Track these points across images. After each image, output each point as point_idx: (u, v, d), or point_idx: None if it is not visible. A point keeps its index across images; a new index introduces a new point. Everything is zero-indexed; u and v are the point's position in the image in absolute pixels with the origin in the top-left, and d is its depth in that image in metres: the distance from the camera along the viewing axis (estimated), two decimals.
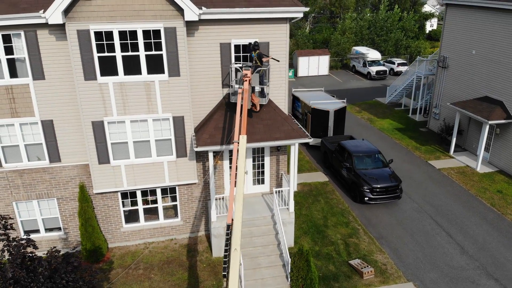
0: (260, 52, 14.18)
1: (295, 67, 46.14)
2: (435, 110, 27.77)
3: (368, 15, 55.29)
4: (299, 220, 18.11)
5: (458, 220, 18.14)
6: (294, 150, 15.18)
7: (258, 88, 14.69)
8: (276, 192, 16.50)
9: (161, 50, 13.85)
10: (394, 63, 45.98)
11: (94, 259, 15.48)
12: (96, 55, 13.45)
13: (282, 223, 15.77)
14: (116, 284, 14.59)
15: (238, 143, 11.08)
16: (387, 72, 44.41)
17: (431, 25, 74.63)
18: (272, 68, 15.39)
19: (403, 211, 18.92)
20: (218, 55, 14.81)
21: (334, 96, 27.67)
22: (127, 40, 13.51)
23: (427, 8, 72.32)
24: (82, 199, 14.88)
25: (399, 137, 27.60)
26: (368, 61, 45.16)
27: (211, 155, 14.67)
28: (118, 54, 13.61)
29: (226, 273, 8.73)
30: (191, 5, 13.07)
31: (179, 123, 14.85)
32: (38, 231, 15.93)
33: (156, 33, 13.61)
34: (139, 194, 15.98)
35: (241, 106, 12.35)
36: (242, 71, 13.41)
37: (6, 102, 13.90)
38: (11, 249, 9.32)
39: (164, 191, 16.18)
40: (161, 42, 13.74)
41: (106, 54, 13.53)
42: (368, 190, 18.97)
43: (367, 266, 15.05)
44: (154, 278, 14.85)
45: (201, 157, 15.88)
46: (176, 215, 16.71)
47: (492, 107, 21.71)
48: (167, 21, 13.47)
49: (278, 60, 14.98)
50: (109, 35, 13.33)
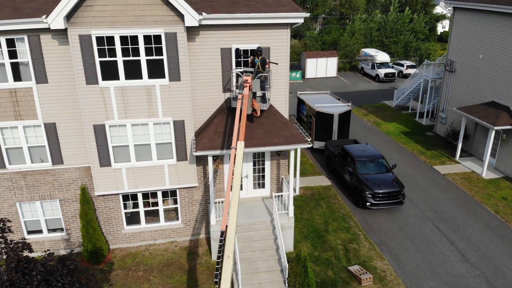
0: (263, 57, 14.22)
1: (302, 68, 46.04)
2: (441, 115, 27.51)
3: (378, 16, 54.92)
4: (299, 224, 18.11)
5: (461, 227, 17.97)
6: (293, 155, 15.17)
7: (259, 93, 14.73)
8: (275, 197, 16.52)
9: (161, 55, 13.96)
10: (403, 66, 45.62)
11: (95, 260, 15.68)
12: (97, 59, 13.63)
13: (282, 227, 15.80)
14: (115, 285, 14.76)
15: (236, 149, 11.14)
16: (396, 75, 44.07)
17: (443, 26, 73.85)
18: (273, 72, 15.41)
19: (405, 217, 18.79)
20: (219, 60, 14.88)
21: (339, 99, 27.60)
22: (128, 45, 13.65)
23: (438, 10, 71.58)
24: (83, 201, 15.08)
25: (405, 141, 27.40)
26: (376, 63, 44.87)
27: (210, 159, 14.76)
28: (120, 59, 13.77)
29: (218, 279, 8.79)
30: (191, 11, 13.16)
31: (179, 127, 14.96)
32: (41, 231, 16.19)
33: (157, 38, 13.73)
34: (140, 196, 16.14)
35: (240, 111, 12.41)
36: (243, 77, 13.46)
37: (10, 105, 14.15)
38: (10, 251, 9.51)
39: (165, 193, 16.31)
40: (161, 47, 13.85)
41: (108, 59, 13.69)
42: (370, 195, 18.89)
43: (366, 273, 15.00)
44: (153, 280, 14.98)
45: (201, 160, 15.98)
46: (177, 218, 16.83)
47: (499, 112, 21.44)
48: (167, 26, 13.58)
49: (276, 63, 14.99)
50: (110, 40, 13.49)
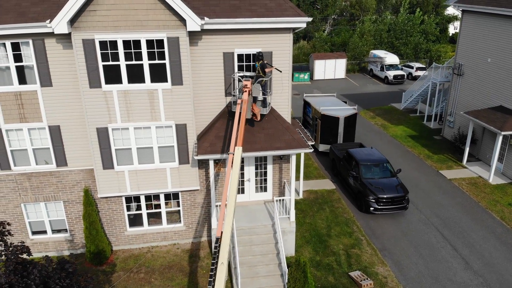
0: (263, 62, 14.23)
1: (311, 70, 45.92)
2: (449, 118, 27.22)
3: (388, 18, 54.50)
4: (302, 228, 18.08)
5: (465, 233, 17.76)
6: (294, 160, 15.15)
7: (260, 98, 14.74)
8: (276, 201, 16.52)
9: (164, 59, 14.06)
10: (412, 68, 45.21)
11: (97, 261, 15.84)
12: (101, 63, 13.76)
13: (283, 231, 15.80)
14: (117, 287, 14.89)
15: (233, 154, 11.16)
16: (405, 77, 43.72)
17: (454, 28, 72.95)
18: (275, 77, 15.41)
19: (409, 222, 18.65)
20: (221, 64, 14.92)
21: (346, 102, 27.46)
22: (131, 49, 13.76)
23: (450, 11, 70.72)
24: (86, 203, 15.24)
25: (412, 144, 27.17)
26: (385, 65, 44.56)
27: (211, 163, 14.81)
28: (122, 63, 13.89)
29: (211, 286, 8.83)
30: (193, 15, 13.22)
31: (181, 130, 15.04)
32: (45, 232, 16.41)
33: (159, 42, 13.83)
34: (142, 199, 16.26)
35: (239, 116, 12.43)
36: (243, 81, 13.48)
37: (15, 108, 14.36)
38: (9, 254, 9.66)
39: (167, 196, 16.41)
40: (164, 51, 13.94)
41: (111, 63, 13.82)
42: (373, 200, 18.77)
43: (367, 279, 14.92)
44: (154, 282, 15.09)
45: (203, 164, 16.04)
46: (179, 220, 16.93)
47: (506, 117, 21.14)
48: (170, 31, 13.66)
49: (280, 71, 14.99)
50: (113, 44, 13.61)
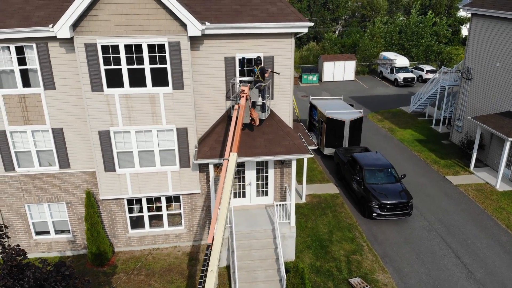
0: (262, 67, 14.22)
1: (319, 72, 45.73)
2: (457, 123, 26.86)
3: (399, 19, 53.96)
4: (303, 233, 18.02)
5: (469, 241, 17.52)
6: (294, 165, 15.11)
7: (259, 102, 14.73)
8: (276, 206, 16.49)
9: (165, 63, 14.13)
10: (422, 70, 44.72)
11: (99, 262, 16.00)
12: (102, 67, 13.90)
13: (283, 236, 15.77)
14: None
15: (228, 160, 11.17)
16: (415, 79, 43.25)
17: (468, 29, 71.92)
18: (277, 81, 15.38)
19: (412, 229, 18.45)
20: (223, 69, 14.95)
21: (352, 105, 27.29)
22: (133, 54, 13.87)
23: (463, 12, 69.80)
24: (88, 205, 15.39)
25: (419, 149, 26.88)
26: (395, 67, 44.14)
27: (211, 167, 14.84)
28: (124, 67, 14.00)
29: None
30: (194, 20, 13.26)
31: (182, 134, 15.10)
32: (48, 232, 16.63)
33: (161, 47, 13.91)
34: (144, 201, 16.38)
35: (235, 122, 12.43)
36: (240, 87, 13.48)
37: (19, 110, 14.58)
38: (5, 257, 9.81)
39: (168, 199, 16.50)
40: (165, 56, 14.02)
41: (113, 67, 13.95)
42: (376, 206, 18.62)
43: (367, 286, 14.81)
44: (154, 285, 15.18)
45: (204, 167, 16.09)
46: (180, 223, 17.00)
47: None
48: (171, 35, 13.73)
49: (278, 73, 14.96)
50: (115, 48, 13.73)
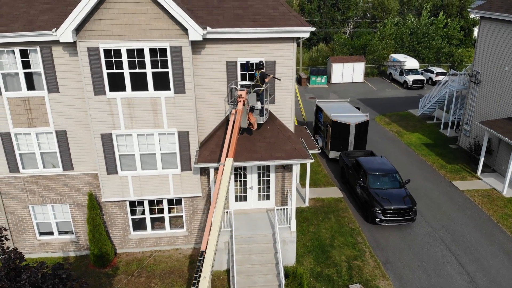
0: (263, 72, 14.21)
1: (328, 73, 45.53)
2: (465, 127, 26.52)
3: (410, 21, 53.42)
4: (305, 237, 17.96)
5: (473, 248, 17.29)
6: (295, 169, 15.07)
7: (258, 107, 14.74)
8: (277, 210, 16.48)
9: (167, 67, 14.21)
10: (433, 72, 44.20)
11: (101, 263, 16.15)
12: (105, 71, 14.03)
13: (284, 241, 15.74)
14: None
15: (224, 165, 11.17)
16: (425, 82, 42.80)
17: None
18: (278, 85, 15.36)
19: (415, 235, 18.27)
20: (224, 73, 14.98)
21: (359, 108, 27.11)
22: (135, 58, 13.98)
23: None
24: (90, 207, 15.54)
25: (426, 153, 26.60)
26: (405, 69, 43.73)
27: (212, 171, 14.88)
28: (126, 71, 14.12)
29: None
30: (195, 25, 13.31)
31: (184, 138, 15.17)
32: (52, 233, 16.84)
33: (162, 51, 13.99)
34: (146, 203, 16.49)
35: (232, 127, 12.42)
36: (237, 91, 13.49)
37: (24, 113, 14.79)
38: (2, 260, 9.97)
39: (170, 202, 16.59)
40: (167, 60, 14.10)
41: (115, 71, 14.08)
42: (379, 211, 18.48)
43: None
44: (154, 287, 15.28)
45: (205, 171, 16.13)
46: (182, 226, 17.09)
47: None
48: (172, 40, 13.80)
49: (279, 79, 14.94)
50: (117, 52, 13.85)
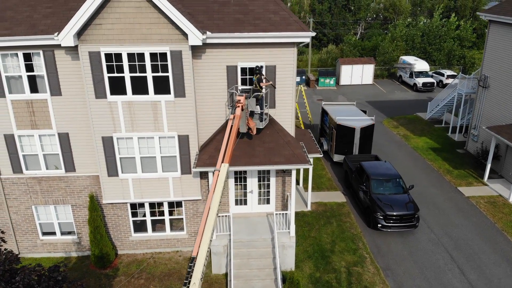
0: (260, 77, 14.21)
1: (337, 75, 45.30)
2: (473, 132, 26.15)
3: (421, 23, 52.83)
4: (306, 242, 17.90)
5: (476, 256, 17.04)
6: (294, 174, 15.04)
7: (257, 112, 14.73)
8: (276, 215, 16.45)
9: (167, 72, 14.30)
10: (443, 75, 43.68)
11: (101, 264, 16.32)
12: (106, 75, 14.17)
13: (283, 246, 15.72)
14: None
15: (219, 171, 11.19)
16: (435, 84, 42.29)
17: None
18: (279, 90, 15.34)
19: (417, 241, 18.08)
20: (225, 77, 15.01)
21: (365, 111, 26.92)
22: (135, 62, 14.09)
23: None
24: (91, 208, 15.70)
25: (432, 158, 26.30)
26: (415, 71, 43.29)
27: (211, 175, 14.93)
28: (127, 75, 14.24)
29: None
30: (195, 30, 13.36)
31: (184, 141, 15.25)
32: (54, 233, 17.08)
33: (163, 55, 14.07)
34: (147, 206, 16.61)
35: (229, 132, 12.43)
36: (236, 96, 13.51)
37: (27, 115, 15.02)
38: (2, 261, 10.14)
39: (171, 204, 16.69)
40: (167, 64, 14.18)
41: (116, 75, 14.21)
42: (381, 217, 18.33)
43: None
44: None
45: (205, 174, 16.18)
46: (182, 228, 17.17)
47: None
48: (173, 44, 13.88)
49: (274, 87, 14.93)
50: (118, 57, 13.98)
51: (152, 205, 16.65)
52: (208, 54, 14.67)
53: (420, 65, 43.82)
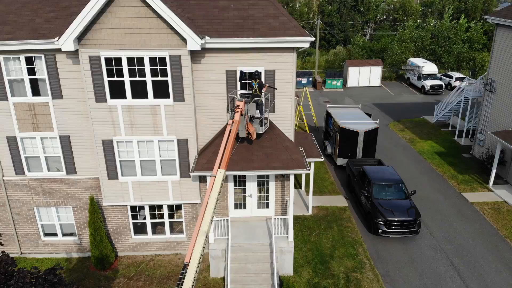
0: (260, 81, 14.20)
1: (344, 77, 45.07)
2: (479, 136, 25.83)
3: (431, 25, 52.27)
4: (305, 247, 17.86)
5: (477, 263, 16.84)
6: (293, 179, 15.01)
7: (257, 116, 14.73)
8: (275, 219, 16.43)
9: (166, 76, 14.37)
10: (452, 78, 43.20)
11: (101, 266, 16.47)
12: (106, 79, 14.29)
13: (281, 251, 15.70)
14: None
15: (215, 177, 11.17)
16: (443, 87, 41.84)
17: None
18: (279, 95, 15.31)
19: (418, 248, 17.92)
20: (224, 82, 15.03)
21: (370, 115, 26.74)
22: (135, 66, 14.18)
23: None
24: (92, 211, 15.85)
25: (438, 162, 26.03)
26: (423, 74, 42.87)
27: (209, 179, 14.95)
28: (127, 79, 14.34)
29: None
30: (193, 35, 13.40)
31: (183, 145, 15.31)
32: (56, 234, 17.27)
33: (162, 60, 14.15)
34: (147, 208, 16.71)
35: (227, 137, 12.42)
36: (235, 101, 13.51)
37: (29, 118, 15.21)
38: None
39: (170, 207, 16.77)
40: (166, 68, 14.25)
41: (116, 79, 14.32)
42: (382, 222, 18.20)
43: None
44: None
45: (204, 178, 16.21)
46: (182, 231, 17.24)
47: None
48: (172, 49, 13.94)
49: (275, 88, 14.90)
50: (118, 61, 14.08)
51: (152, 207, 16.75)
52: (207, 58, 14.71)
53: (429, 67, 43.39)
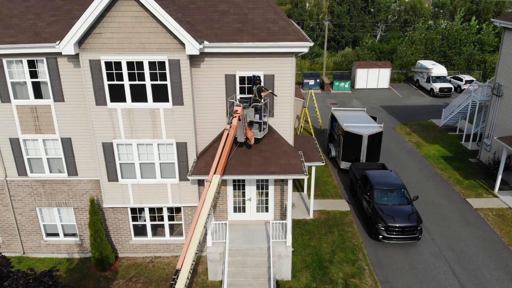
0: (260, 86, 14.20)
1: (352, 79, 44.82)
2: (486, 141, 25.48)
3: (441, 26, 51.66)
4: (305, 251, 17.81)
5: (478, 271, 16.62)
6: (291, 184, 14.98)
7: (257, 121, 14.73)
8: (273, 224, 16.42)
9: (165, 80, 14.45)
10: (461, 80, 42.69)
11: (101, 267, 16.63)
12: (106, 83, 14.43)
13: (279, 256, 15.69)
14: None
15: (210, 182, 11.24)
16: (452, 90, 41.38)
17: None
18: (278, 99, 15.29)
19: (419, 254, 17.75)
20: (223, 86, 15.06)
21: (375, 118, 26.54)
22: (134, 70, 14.29)
23: None
24: (92, 212, 16.02)
25: (443, 167, 25.75)
26: (432, 76, 42.42)
27: (207, 183, 14.99)
28: (126, 83, 14.46)
29: None
30: (192, 40, 13.45)
31: (182, 148, 15.39)
32: (57, 235, 17.49)
33: (161, 64, 14.23)
34: (146, 210, 16.83)
35: (224, 143, 12.47)
36: (234, 107, 13.53)
37: (31, 120, 15.43)
38: None
39: (170, 209, 16.86)
40: (165, 73, 14.34)
41: (115, 82, 14.45)
42: (383, 228, 18.07)
43: None
44: None
45: (203, 181, 16.27)
46: (181, 234, 17.33)
47: None
48: (171, 53, 14.02)
49: (275, 95, 14.88)
50: (118, 65, 14.21)
51: (152, 210, 16.86)
52: (206, 63, 14.76)
53: (438, 70, 42.90)
